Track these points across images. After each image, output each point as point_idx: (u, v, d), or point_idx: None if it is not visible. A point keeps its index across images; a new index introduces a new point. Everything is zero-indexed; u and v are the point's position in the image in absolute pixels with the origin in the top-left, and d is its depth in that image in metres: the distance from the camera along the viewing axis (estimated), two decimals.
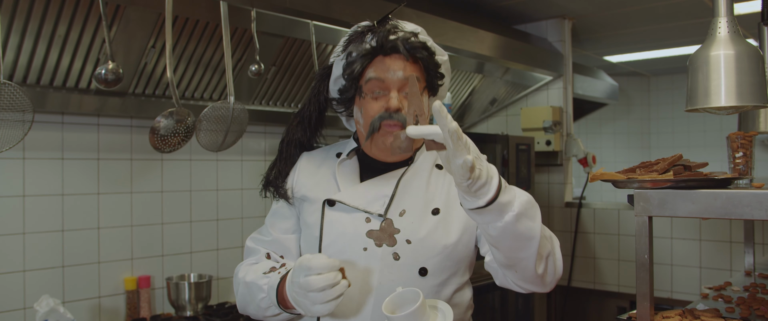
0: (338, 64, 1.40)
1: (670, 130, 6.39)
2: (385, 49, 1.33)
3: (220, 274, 2.83)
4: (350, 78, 1.36)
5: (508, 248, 1.19)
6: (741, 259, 3.20)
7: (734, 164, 1.71)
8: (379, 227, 1.35)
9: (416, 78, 1.33)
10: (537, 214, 1.19)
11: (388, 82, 1.33)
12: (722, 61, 1.27)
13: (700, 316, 1.53)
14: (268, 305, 1.33)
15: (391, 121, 1.32)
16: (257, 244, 1.50)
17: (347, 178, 1.42)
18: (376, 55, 1.34)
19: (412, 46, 1.33)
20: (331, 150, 1.51)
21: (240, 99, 2.46)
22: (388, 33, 1.34)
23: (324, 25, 2.52)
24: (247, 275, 1.40)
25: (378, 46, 1.33)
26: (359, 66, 1.34)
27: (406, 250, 1.34)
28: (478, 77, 3.76)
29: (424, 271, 1.34)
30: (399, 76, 1.33)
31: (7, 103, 1.80)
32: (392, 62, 1.33)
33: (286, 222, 1.48)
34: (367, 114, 1.35)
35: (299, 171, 1.48)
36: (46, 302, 2.01)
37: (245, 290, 1.39)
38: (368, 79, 1.34)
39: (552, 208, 4.00)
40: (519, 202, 1.14)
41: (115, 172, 2.49)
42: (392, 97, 1.32)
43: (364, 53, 1.33)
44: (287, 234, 1.47)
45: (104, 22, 1.89)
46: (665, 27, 4.17)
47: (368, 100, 1.35)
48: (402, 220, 1.36)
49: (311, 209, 1.42)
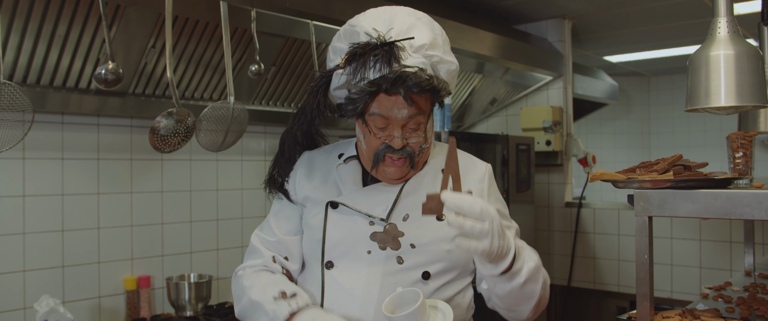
0: (338, 77, 1.31)
1: (670, 130, 6.39)
2: (387, 89, 1.25)
3: (220, 274, 2.83)
4: (354, 113, 1.31)
5: (510, 302, 1.31)
6: (741, 259, 3.20)
7: (734, 164, 1.71)
8: (383, 230, 1.35)
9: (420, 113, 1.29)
10: (540, 277, 1.31)
11: (391, 120, 1.29)
12: (722, 61, 1.27)
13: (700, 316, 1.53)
14: None
15: (395, 155, 1.31)
16: (262, 243, 1.47)
17: (350, 181, 1.41)
18: (379, 92, 1.27)
19: (417, 87, 1.23)
20: (334, 150, 1.49)
21: (240, 99, 2.46)
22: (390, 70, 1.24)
23: (324, 25, 2.52)
24: (252, 289, 1.36)
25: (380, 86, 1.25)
26: (362, 104, 1.28)
27: (410, 254, 1.33)
28: (478, 77, 3.76)
29: (427, 274, 1.34)
30: (403, 115, 1.28)
31: (7, 103, 1.80)
32: (396, 101, 1.27)
33: (289, 223, 1.46)
34: (369, 145, 1.33)
35: (301, 171, 1.47)
36: (46, 302, 2.01)
37: (248, 305, 1.36)
38: (371, 114, 1.29)
39: (552, 208, 4.00)
40: (527, 268, 1.25)
41: (115, 172, 2.49)
42: (395, 136, 1.29)
43: (367, 92, 1.25)
44: (291, 235, 1.46)
45: (104, 22, 1.89)
46: (665, 27, 4.17)
47: (371, 134, 1.31)
48: (406, 224, 1.35)
49: (314, 211, 1.41)
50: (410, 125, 1.30)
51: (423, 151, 1.35)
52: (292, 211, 1.47)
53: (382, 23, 1.30)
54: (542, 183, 4.03)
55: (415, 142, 1.32)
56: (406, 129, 1.30)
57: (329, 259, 1.37)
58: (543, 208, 4.01)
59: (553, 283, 3.99)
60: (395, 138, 1.29)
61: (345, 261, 1.35)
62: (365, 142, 1.34)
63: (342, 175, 1.42)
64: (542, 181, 4.03)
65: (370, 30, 1.28)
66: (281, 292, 1.31)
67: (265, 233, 1.48)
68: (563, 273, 3.95)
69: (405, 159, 1.32)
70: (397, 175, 1.35)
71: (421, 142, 1.33)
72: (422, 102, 1.29)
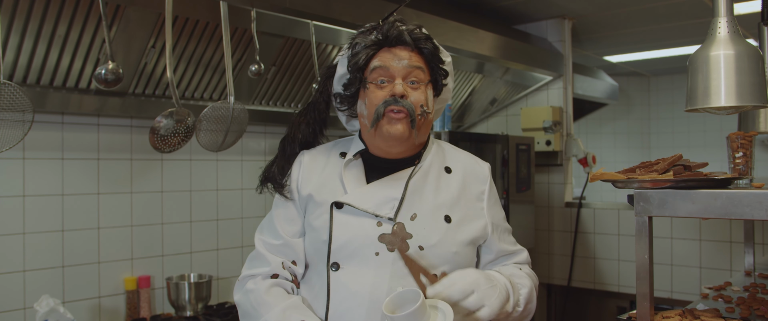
0: (343, 62, 1.40)
1: (670, 130, 6.39)
2: (389, 40, 1.35)
3: (220, 274, 2.83)
4: (355, 68, 1.36)
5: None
6: (741, 259, 3.20)
7: (734, 164, 1.71)
8: (391, 231, 1.33)
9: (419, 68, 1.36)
10: (533, 297, 1.41)
11: (393, 70, 1.33)
12: (722, 61, 1.27)
13: (700, 316, 1.53)
14: None
15: (396, 106, 1.31)
16: (267, 249, 1.41)
17: (353, 179, 1.39)
18: (382, 46, 1.36)
19: (416, 36, 1.36)
20: (334, 148, 1.48)
21: (240, 99, 2.46)
22: (392, 25, 1.36)
23: (324, 25, 2.52)
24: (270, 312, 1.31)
25: (383, 37, 1.35)
26: (364, 56, 1.35)
27: (418, 256, 1.32)
28: (478, 77, 3.76)
29: (434, 276, 1.33)
30: (404, 64, 1.34)
31: (7, 103, 1.80)
32: (397, 51, 1.35)
33: (293, 225, 1.42)
34: (371, 102, 1.34)
35: (303, 169, 1.44)
36: (46, 302, 2.02)
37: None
38: (373, 68, 1.35)
39: (552, 208, 4.00)
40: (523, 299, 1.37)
41: (115, 172, 2.49)
42: (397, 83, 1.32)
43: (369, 44, 1.36)
44: (296, 237, 1.42)
45: (104, 22, 1.89)
46: (665, 27, 4.17)
47: (372, 89, 1.35)
48: (414, 224, 1.34)
49: (318, 211, 1.38)
50: (410, 78, 1.34)
51: (424, 116, 1.35)
52: (295, 211, 1.43)
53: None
54: (542, 183, 4.04)
55: (416, 99, 1.33)
56: (406, 83, 1.34)
57: (335, 261, 1.34)
58: (543, 208, 4.02)
59: (553, 283, 4.00)
60: (397, 85, 1.32)
61: (352, 263, 1.33)
62: (367, 105, 1.35)
63: (346, 173, 1.40)
64: (542, 181, 4.04)
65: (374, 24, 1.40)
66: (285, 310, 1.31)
67: (269, 237, 1.42)
68: (563, 273, 3.95)
69: (406, 113, 1.31)
70: (399, 129, 1.31)
71: (421, 102, 1.34)
72: (422, 62, 1.37)
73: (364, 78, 1.37)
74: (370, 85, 1.35)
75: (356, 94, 1.40)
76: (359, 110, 1.40)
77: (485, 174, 1.48)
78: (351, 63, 1.37)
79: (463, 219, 1.39)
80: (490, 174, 1.50)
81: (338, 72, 1.43)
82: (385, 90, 1.33)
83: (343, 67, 1.41)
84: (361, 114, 1.39)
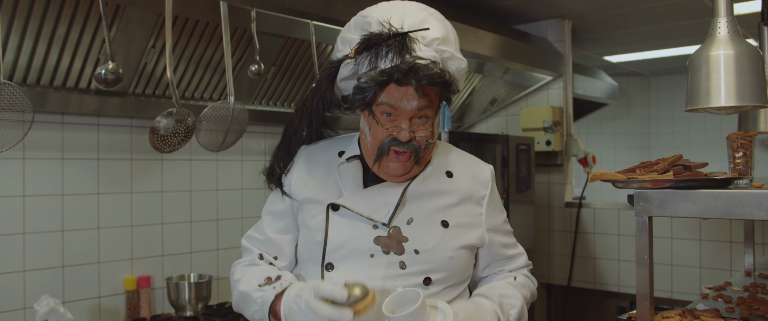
0: (347, 67, 1.31)
1: (670, 130, 6.39)
2: (399, 79, 1.24)
3: (220, 274, 2.83)
4: (362, 103, 1.30)
5: None
6: (741, 259, 3.20)
7: (734, 164, 1.71)
8: (387, 234, 1.32)
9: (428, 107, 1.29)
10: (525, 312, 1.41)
11: (399, 111, 1.28)
12: (722, 61, 1.27)
13: (700, 316, 1.53)
14: (260, 318, 1.34)
15: (400, 149, 1.29)
16: (251, 243, 1.49)
17: (350, 182, 1.38)
18: (390, 82, 1.26)
19: (428, 79, 1.23)
20: (333, 146, 1.46)
21: (240, 99, 2.46)
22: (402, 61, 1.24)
23: (324, 25, 2.52)
24: (240, 282, 1.40)
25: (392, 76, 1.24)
26: (371, 93, 1.27)
27: (414, 259, 1.32)
28: (478, 77, 3.76)
29: (429, 280, 1.33)
30: (412, 107, 1.27)
31: (7, 103, 1.80)
32: (406, 91, 1.26)
33: (279, 221, 1.44)
34: (375, 137, 1.31)
35: (299, 167, 1.44)
36: (46, 302, 2.01)
37: (239, 298, 1.40)
38: (380, 103, 1.28)
39: (552, 208, 4.00)
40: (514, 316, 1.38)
41: (115, 172, 2.49)
42: (403, 128, 1.28)
43: (378, 81, 1.25)
44: (281, 234, 1.43)
45: (104, 22, 1.89)
46: (665, 27, 4.17)
47: (378, 125, 1.30)
48: (410, 228, 1.34)
49: (313, 211, 1.38)
50: (418, 118, 1.29)
51: (428, 147, 1.34)
52: (284, 208, 1.44)
53: (394, 15, 1.29)
54: (542, 183, 4.04)
55: (422, 137, 1.30)
56: (413, 121, 1.29)
57: (330, 262, 1.34)
58: (543, 208, 4.02)
59: (553, 283, 4.00)
60: (403, 130, 1.28)
61: (346, 263, 1.33)
62: (371, 135, 1.32)
63: (342, 175, 1.39)
64: (542, 181, 4.04)
65: (384, 20, 1.28)
66: (266, 278, 1.35)
67: (255, 232, 1.49)
68: (563, 273, 3.95)
69: (410, 154, 1.30)
70: (400, 171, 1.32)
71: (427, 137, 1.31)
72: (432, 95, 1.29)
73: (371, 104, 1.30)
74: (375, 115, 1.30)
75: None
76: (362, 127, 1.36)
77: (487, 178, 1.46)
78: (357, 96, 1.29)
79: (461, 224, 1.38)
80: (493, 177, 1.48)
81: (341, 74, 1.33)
82: (389, 129, 1.29)
83: (347, 73, 1.32)
84: (363, 132, 1.35)
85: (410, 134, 1.28)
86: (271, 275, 1.36)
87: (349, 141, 1.46)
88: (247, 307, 1.38)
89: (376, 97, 1.28)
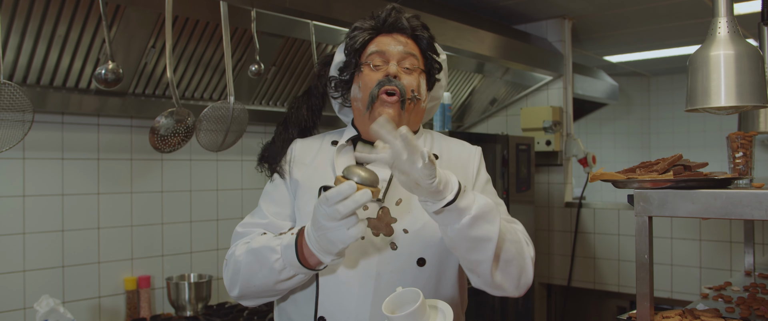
0: (341, 49, 1.45)
1: (670, 130, 6.39)
2: (387, 25, 1.40)
3: (220, 274, 2.83)
4: (351, 51, 1.40)
5: (465, 250, 1.22)
6: (741, 259, 3.20)
7: (734, 164, 1.71)
8: (376, 216, 1.34)
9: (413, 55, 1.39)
10: (496, 219, 1.21)
11: (388, 54, 1.38)
12: (722, 61, 1.27)
13: (700, 316, 1.53)
14: (283, 266, 1.26)
15: (390, 86, 1.34)
16: (249, 227, 1.42)
17: (343, 166, 1.40)
18: (379, 32, 1.41)
19: (414, 25, 1.41)
20: (326, 138, 1.51)
21: (240, 99, 2.46)
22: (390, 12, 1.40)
23: (324, 25, 2.52)
24: (252, 244, 1.32)
25: (381, 22, 1.40)
26: (361, 39, 1.39)
27: (404, 239, 1.34)
28: (478, 77, 3.76)
29: (423, 261, 1.34)
30: (400, 49, 1.38)
31: (7, 103, 1.80)
32: (394, 37, 1.40)
33: (281, 207, 1.43)
34: (365, 85, 1.37)
35: (295, 157, 1.47)
36: (46, 302, 2.01)
37: (251, 258, 1.30)
38: (369, 53, 1.39)
39: (552, 208, 4.00)
40: (477, 205, 1.17)
41: (115, 172, 2.49)
42: (391, 64, 1.37)
43: (367, 28, 1.40)
44: (281, 220, 1.42)
45: (104, 22, 1.89)
46: (665, 27, 4.17)
47: (367, 71, 1.38)
48: (399, 209, 1.36)
49: (307, 197, 1.40)
50: (405, 64, 1.38)
51: (414, 101, 1.37)
52: (284, 195, 1.44)
53: None
54: (542, 183, 4.04)
55: (408, 83, 1.36)
56: (400, 67, 1.37)
57: None
58: (543, 208, 4.01)
59: (553, 283, 4.00)
60: (391, 66, 1.36)
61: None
62: (362, 86, 1.38)
63: (337, 160, 1.42)
64: (542, 181, 4.04)
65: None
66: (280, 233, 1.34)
67: (255, 218, 1.43)
68: (563, 273, 3.95)
69: (397, 96, 1.34)
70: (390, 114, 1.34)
71: (413, 87, 1.37)
72: (416, 52, 1.40)
73: (360, 62, 1.41)
74: (365, 67, 1.39)
75: (351, 79, 1.43)
76: (353, 94, 1.43)
77: (473, 155, 1.49)
78: (347, 46, 1.42)
79: None
80: (481, 157, 1.50)
81: (336, 59, 1.47)
82: (379, 72, 1.37)
83: (341, 55, 1.45)
84: (355, 98, 1.42)
85: (398, 71, 1.36)
86: (283, 231, 1.36)
87: (340, 132, 1.51)
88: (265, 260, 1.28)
89: (366, 47, 1.40)
